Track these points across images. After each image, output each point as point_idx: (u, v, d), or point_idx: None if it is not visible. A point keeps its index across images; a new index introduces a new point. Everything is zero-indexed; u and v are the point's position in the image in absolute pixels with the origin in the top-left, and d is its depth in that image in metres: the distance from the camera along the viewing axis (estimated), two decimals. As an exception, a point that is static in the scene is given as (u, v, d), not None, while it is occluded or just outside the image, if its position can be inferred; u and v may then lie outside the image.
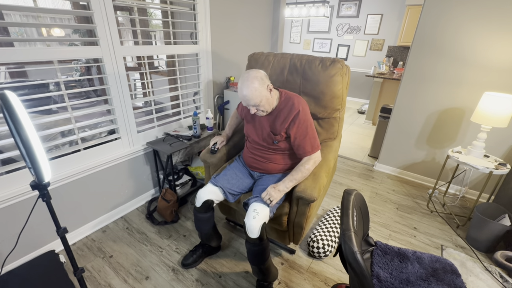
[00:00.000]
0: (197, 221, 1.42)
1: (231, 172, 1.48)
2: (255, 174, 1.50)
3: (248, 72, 1.23)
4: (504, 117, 1.70)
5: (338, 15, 5.42)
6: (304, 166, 1.31)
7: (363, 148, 3.30)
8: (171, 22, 1.98)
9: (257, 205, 1.24)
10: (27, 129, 0.68)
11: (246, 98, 1.22)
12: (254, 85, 1.19)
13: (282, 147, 1.38)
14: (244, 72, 1.26)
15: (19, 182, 1.36)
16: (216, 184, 1.40)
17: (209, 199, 1.36)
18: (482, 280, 1.51)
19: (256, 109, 1.27)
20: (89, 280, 1.43)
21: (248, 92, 1.20)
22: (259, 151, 1.44)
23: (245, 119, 1.49)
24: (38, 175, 0.73)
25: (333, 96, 1.52)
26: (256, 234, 1.20)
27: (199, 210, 1.38)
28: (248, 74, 1.22)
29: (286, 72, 1.64)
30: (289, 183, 1.28)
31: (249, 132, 1.45)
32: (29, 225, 1.45)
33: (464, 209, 2.17)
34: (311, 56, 1.58)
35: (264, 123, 1.38)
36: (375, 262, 1.10)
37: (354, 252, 0.76)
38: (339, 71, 1.47)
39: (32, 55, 1.27)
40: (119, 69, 1.62)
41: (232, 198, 1.43)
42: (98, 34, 1.47)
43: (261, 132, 1.40)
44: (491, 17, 1.89)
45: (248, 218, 1.22)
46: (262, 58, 1.74)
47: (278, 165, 1.42)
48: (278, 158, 1.42)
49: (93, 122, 1.60)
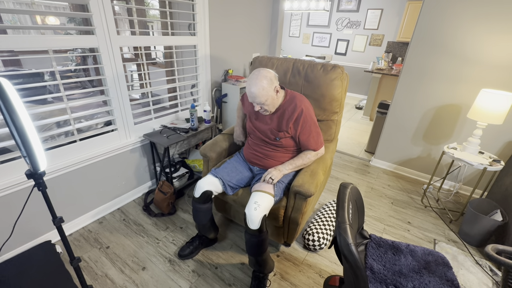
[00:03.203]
0: (195, 211, 1.43)
1: (231, 166, 1.50)
2: (255, 169, 1.52)
3: (259, 70, 1.27)
4: (500, 114, 1.71)
5: (338, 9, 5.36)
6: (306, 155, 1.37)
7: (360, 143, 3.32)
8: (168, 12, 1.94)
9: (258, 197, 1.26)
10: (22, 117, 0.67)
11: (253, 95, 1.26)
12: (263, 84, 1.24)
13: (284, 144, 1.41)
14: (255, 70, 1.29)
15: (14, 172, 1.34)
16: (216, 176, 1.42)
17: (208, 189, 1.38)
18: (472, 273, 1.55)
19: (260, 107, 1.32)
20: (85, 270, 1.44)
21: (256, 90, 1.24)
22: (260, 147, 1.47)
23: (249, 116, 1.52)
24: (33, 164, 0.72)
25: (333, 99, 1.58)
26: (257, 225, 1.22)
27: (198, 200, 1.39)
28: (259, 73, 1.26)
29: (289, 75, 1.69)
30: (289, 165, 1.35)
31: (252, 128, 1.48)
32: (26, 215, 1.45)
33: (457, 205, 2.21)
34: (313, 61, 1.66)
35: (268, 120, 1.41)
36: (369, 255, 1.12)
37: (349, 244, 0.77)
38: (339, 76, 1.54)
39: (25, 43, 1.24)
40: (116, 59, 1.60)
41: (231, 190, 1.44)
42: (94, 23, 1.44)
43: (264, 129, 1.43)
44: (491, 15, 1.88)
45: (249, 209, 1.23)
46: (266, 60, 1.80)
47: (277, 162, 1.44)
48: (279, 155, 1.44)
49: (89, 113, 1.58)
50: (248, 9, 2.51)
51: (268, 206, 1.27)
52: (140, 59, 1.92)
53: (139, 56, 1.92)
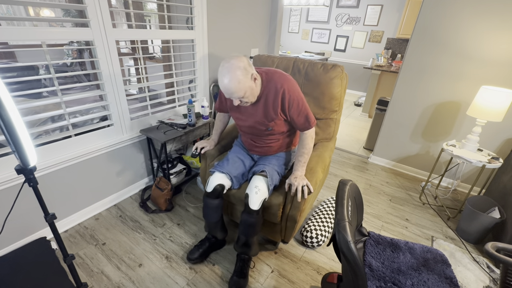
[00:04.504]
0: (206, 208, 1.40)
1: (233, 156, 1.49)
2: (255, 156, 1.55)
3: (229, 60, 1.10)
4: (500, 111, 1.70)
5: (338, 4, 5.31)
6: (305, 148, 1.33)
7: (359, 140, 3.31)
8: (166, 5, 1.90)
9: (258, 181, 1.30)
10: (10, 111, 0.65)
11: (228, 90, 1.12)
12: (237, 77, 1.08)
13: (276, 130, 1.35)
14: (224, 60, 1.11)
15: (6, 167, 1.32)
16: (223, 171, 1.40)
17: (221, 183, 1.36)
18: (470, 270, 1.55)
19: (240, 100, 1.18)
20: (81, 267, 1.42)
21: (231, 84, 1.09)
22: (254, 140, 1.46)
23: (231, 112, 1.41)
24: (23, 159, 0.70)
25: (332, 97, 1.60)
26: (257, 206, 1.27)
27: (210, 195, 1.37)
28: (230, 64, 1.09)
29: (289, 73, 1.69)
30: (302, 167, 1.32)
31: (240, 123, 1.41)
32: (20, 211, 1.42)
33: (455, 202, 2.21)
34: (313, 60, 1.67)
35: (253, 112, 1.31)
36: (368, 252, 1.11)
37: (348, 242, 0.76)
38: (339, 75, 1.56)
39: (18, 35, 1.20)
40: (111, 53, 1.56)
41: (238, 183, 1.44)
42: (89, 15, 1.40)
43: (251, 123, 1.35)
44: (492, 11, 1.86)
45: (251, 191, 1.28)
46: (266, 58, 1.80)
47: (275, 147, 1.46)
48: (274, 141, 1.43)
49: (85, 107, 1.55)
50: (247, 3, 2.47)
51: (266, 192, 1.30)
52: (137, 53, 1.88)
53: (136, 50, 1.89)
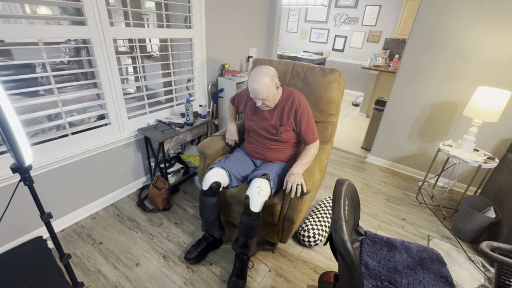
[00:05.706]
0: (203, 206, 1.40)
1: (235, 157, 1.54)
2: (257, 161, 1.58)
3: (261, 67, 1.34)
4: (496, 111, 1.71)
5: (336, 4, 5.32)
6: (310, 151, 1.43)
7: (356, 140, 3.32)
8: (164, 4, 1.90)
9: (260, 182, 1.32)
10: (5, 109, 0.64)
11: (256, 91, 1.32)
12: (265, 81, 1.30)
13: (285, 138, 1.47)
14: (257, 67, 1.36)
15: (0, 166, 1.31)
16: (223, 167, 1.43)
17: (217, 180, 1.37)
18: (465, 269, 1.56)
19: (262, 102, 1.37)
20: (78, 266, 1.42)
21: (259, 86, 1.30)
22: (260, 143, 1.53)
23: (246, 114, 1.57)
24: (18, 158, 0.69)
25: (330, 101, 1.62)
26: (258, 208, 1.28)
27: (206, 193, 1.37)
28: (261, 70, 1.32)
29: (288, 77, 1.72)
30: (301, 166, 1.36)
31: (252, 125, 1.53)
32: (16, 210, 1.41)
33: (451, 201, 2.23)
34: (312, 65, 1.69)
35: (268, 116, 1.46)
36: (364, 251, 1.11)
37: (345, 241, 0.76)
38: (336, 79, 1.58)
39: (15, 33, 1.19)
40: (109, 52, 1.55)
41: (236, 181, 1.46)
42: (86, 13, 1.40)
43: (264, 125, 1.48)
44: (489, 13, 1.88)
45: (253, 193, 1.29)
46: (266, 62, 1.81)
47: (278, 155, 1.51)
48: (279, 149, 1.51)
49: (82, 106, 1.54)
50: (245, 2, 2.47)
51: (268, 193, 1.32)
52: (135, 52, 1.87)
53: (134, 49, 1.88)
